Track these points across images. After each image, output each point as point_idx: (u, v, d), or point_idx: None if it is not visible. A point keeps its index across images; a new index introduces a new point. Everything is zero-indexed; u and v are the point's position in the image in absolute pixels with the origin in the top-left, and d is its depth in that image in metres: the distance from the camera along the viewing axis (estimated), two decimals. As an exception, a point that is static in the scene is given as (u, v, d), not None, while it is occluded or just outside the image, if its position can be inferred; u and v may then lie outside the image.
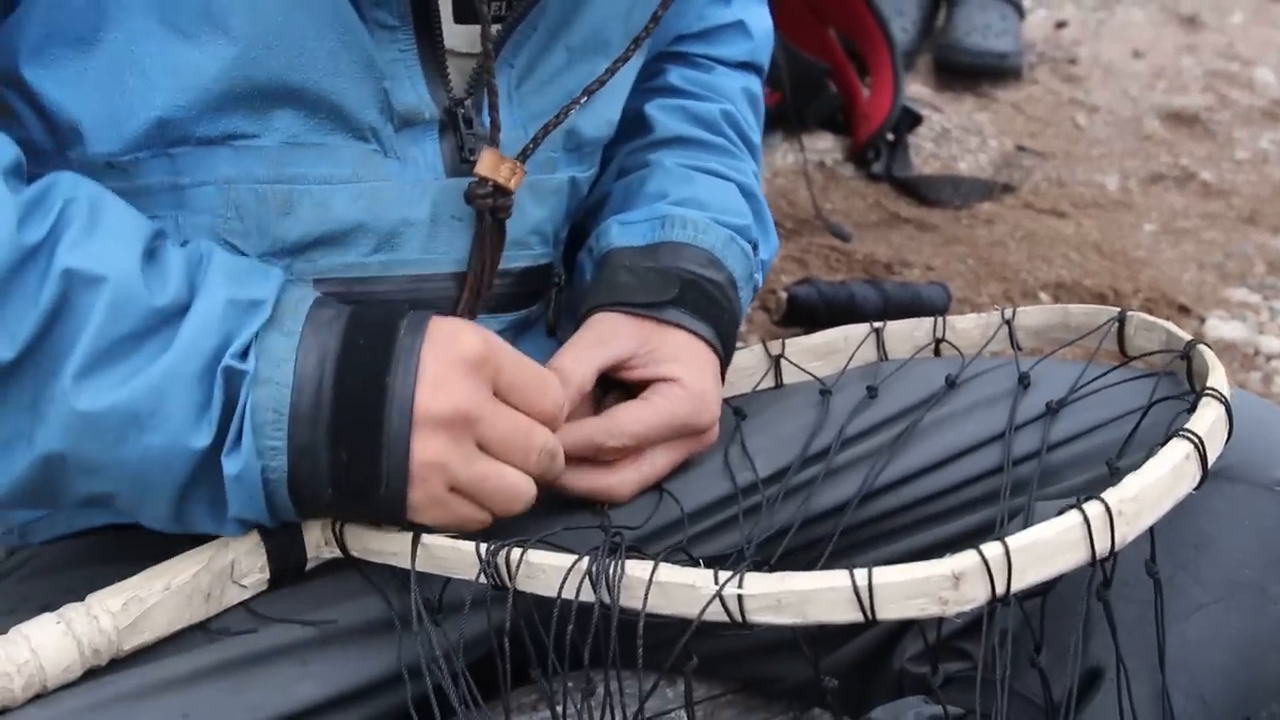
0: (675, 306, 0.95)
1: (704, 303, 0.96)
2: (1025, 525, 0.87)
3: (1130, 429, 0.89)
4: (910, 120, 2.45)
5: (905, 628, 0.96)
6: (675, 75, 1.13)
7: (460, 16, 0.88)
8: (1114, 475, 0.86)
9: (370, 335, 0.79)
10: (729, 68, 1.17)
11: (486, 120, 0.89)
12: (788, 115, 2.39)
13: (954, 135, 2.59)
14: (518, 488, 0.82)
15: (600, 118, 0.99)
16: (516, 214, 0.92)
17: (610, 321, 0.95)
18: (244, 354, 0.76)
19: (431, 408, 0.78)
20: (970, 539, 0.93)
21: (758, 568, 0.90)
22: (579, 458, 0.91)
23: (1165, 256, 2.20)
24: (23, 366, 0.73)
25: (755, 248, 1.05)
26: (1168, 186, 2.48)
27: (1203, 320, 1.98)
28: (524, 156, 0.91)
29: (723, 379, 0.98)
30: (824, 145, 2.45)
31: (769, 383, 1.09)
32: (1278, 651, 0.82)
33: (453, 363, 0.79)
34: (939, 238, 2.20)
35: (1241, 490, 0.84)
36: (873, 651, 0.97)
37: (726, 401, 1.02)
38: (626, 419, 0.92)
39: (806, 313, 1.81)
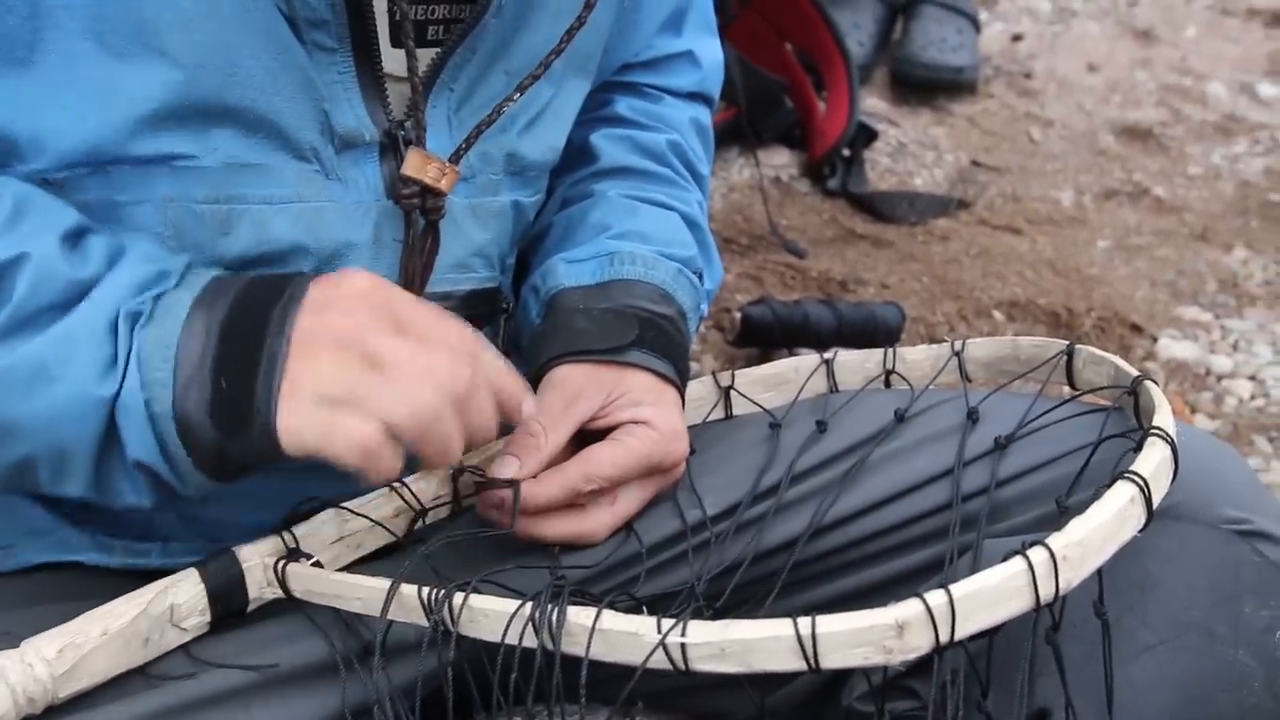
0: (636, 348, 0.94)
1: (662, 340, 0.96)
2: (974, 562, 0.88)
3: (1078, 466, 0.89)
4: (866, 136, 2.46)
5: (853, 665, 0.96)
6: (623, 105, 1.12)
7: (396, 40, 0.87)
8: (1063, 514, 0.86)
9: (266, 285, 0.80)
10: (678, 98, 1.16)
11: (429, 143, 0.89)
12: (744, 130, 2.39)
13: (910, 150, 2.59)
14: (419, 398, 0.76)
15: (543, 142, 0.98)
16: (459, 235, 0.92)
17: (573, 376, 0.94)
18: (144, 301, 0.77)
19: (313, 329, 0.77)
20: (920, 575, 0.94)
21: (708, 603, 0.90)
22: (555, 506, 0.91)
23: (1118, 274, 2.20)
24: None
25: (700, 278, 1.05)
26: (1121, 202, 2.50)
27: (1155, 339, 1.99)
28: (456, 158, 0.90)
29: (684, 387, 0.99)
30: (780, 160, 2.45)
31: (719, 413, 1.08)
32: (1225, 691, 0.83)
33: (336, 296, 0.78)
34: (894, 254, 2.20)
35: (1188, 529, 0.85)
36: (820, 689, 0.97)
37: (678, 434, 1.02)
38: (602, 462, 0.91)
39: (761, 333, 1.81)
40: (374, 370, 0.76)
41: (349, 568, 0.90)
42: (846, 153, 2.42)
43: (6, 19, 0.77)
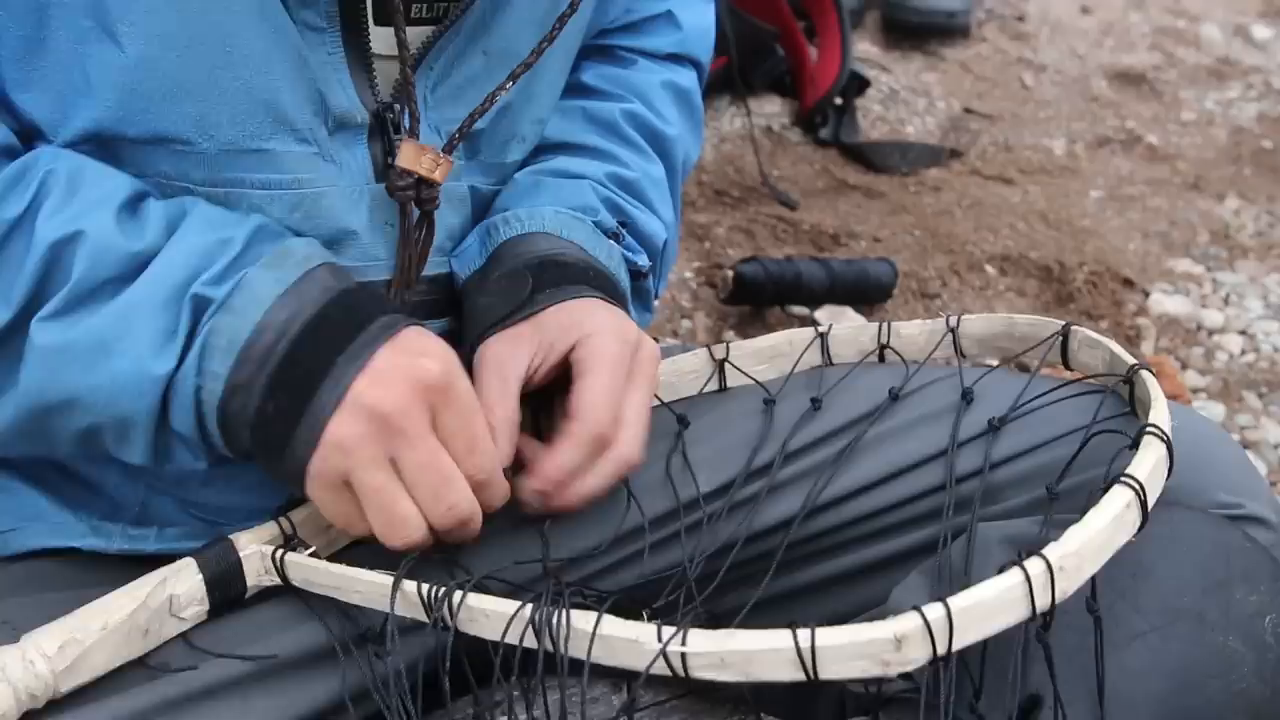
0: (536, 292, 0.92)
1: (563, 273, 0.93)
2: (968, 546, 0.88)
3: (1071, 451, 0.89)
4: (858, 85, 2.44)
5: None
6: (589, 74, 1.10)
7: (380, 19, 0.86)
8: (1054, 500, 0.87)
9: (345, 315, 0.80)
10: (654, 60, 1.14)
11: (408, 118, 0.88)
12: (734, 79, 2.37)
13: (902, 97, 2.58)
14: (405, 522, 0.79)
15: (512, 129, 0.98)
16: (438, 219, 0.91)
17: (494, 348, 0.91)
18: (218, 281, 0.78)
19: (363, 396, 0.78)
20: (914, 556, 0.95)
21: (700, 585, 0.91)
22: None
23: (1110, 225, 2.20)
24: (18, 324, 0.78)
25: (621, 230, 1.02)
26: (1114, 150, 2.49)
27: (1146, 294, 1.99)
28: (450, 148, 0.89)
29: (626, 309, 0.96)
30: (771, 109, 2.44)
31: (713, 386, 1.08)
32: (1215, 678, 0.83)
33: (402, 370, 0.79)
34: (886, 206, 2.20)
35: (1180, 516, 0.85)
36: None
37: (669, 406, 1.02)
38: (589, 397, 0.88)
39: (753, 291, 1.81)
40: (390, 473, 0.79)
41: (344, 550, 0.90)
42: (838, 101, 2.40)
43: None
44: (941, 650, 0.65)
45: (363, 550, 0.89)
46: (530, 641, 0.73)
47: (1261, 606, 0.84)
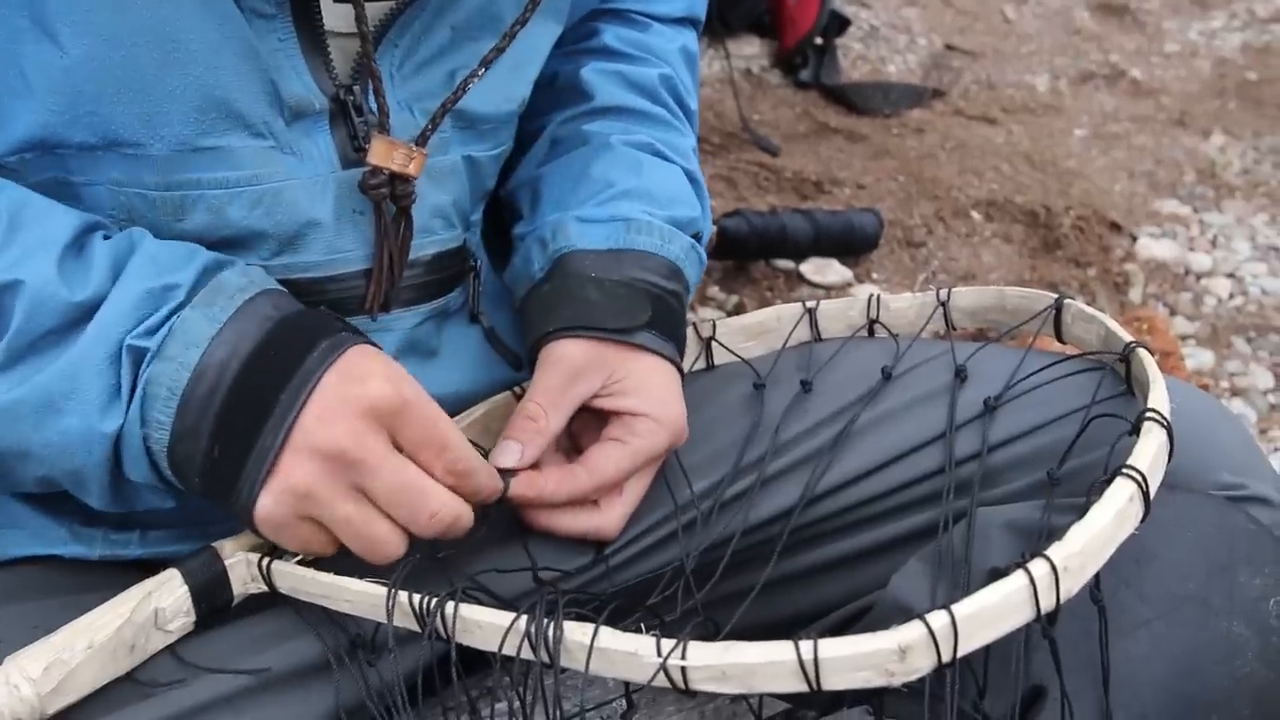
0: (646, 329, 0.91)
1: (669, 320, 0.93)
2: (968, 532, 0.87)
3: (1070, 431, 0.88)
4: (839, 24, 2.40)
5: (851, 621, 0.95)
6: (610, 35, 1.07)
7: None
8: (1055, 485, 0.86)
9: (285, 347, 0.77)
10: (666, 24, 1.11)
11: (374, 105, 0.85)
12: (712, 20, 2.33)
13: (882, 34, 2.55)
14: (384, 543, 0.78)
15: (498, 94, 0.94)
16: (416, 200, 0.89)
17: (576, 353, 0.90)
18: (153, 331, 0.76)
19: (311, 435, 0.75)
20: (911, 541, 0.93)
21: (698, 580, 0.89)
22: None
23: (1096, 165, 2.18)
24: None
25: (699, 239, 1.01)
26: (1098, 85, 2.46)
27: (1134, 238, 1.97)
28: (423, 140, 0.87)
29: (681, 355, 0.96)
30: (750, 51, 2.40)
31: (701, 364, 1.06)
32: (1219, 664, 0.82)
33: (349, 400, 0.76)
34: (868, 149, 2.17)
35: (1182, 499, 0.83)
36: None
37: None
38: (607, 467, 0.89)
39: (737, 245, 1.79)
40: (359, 500, 0.77)
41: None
42: (819, 41, 2.37)
43: None
44: (946, 658, 0.64)
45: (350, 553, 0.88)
46: (527, 653, 0.71)
47: (1266, 590, 0.83)
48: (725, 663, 0.65)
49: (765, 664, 0.65)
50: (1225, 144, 2.26)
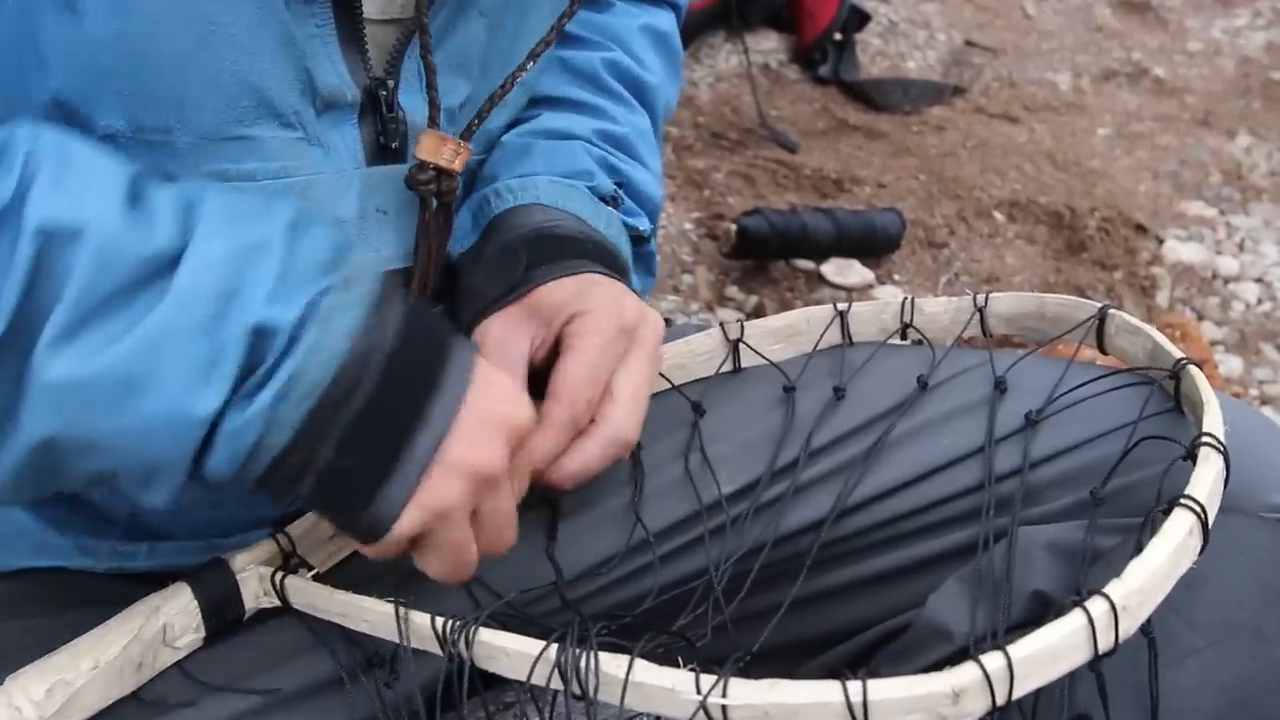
0: (532, 269, 0.87)
1: (557, 247, 0.88)
2: (1009, 552, 0.84)
3: (1115, 448, 0.85)
4: (858, 18, 2.37)
5: (885, 640, 0.93)
6: None
7: None
8: (1098, 504, 0.82)
9: (422, 345, 0.71)
10: (630, 2, 1.08)
11: (403, 101, 0.82)
12: (731, 15, 2.30)
13: (901, 29, 2.51)
14: (471, 565, 0.75)
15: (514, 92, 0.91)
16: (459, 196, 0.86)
17: (491, 330, 0.86)
18: (275, 301, 0.66)
19: (467, 457, 0.71)
20: (949, 559, 0.90)
21: (727, 595, 0.86)
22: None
23: (1119, 165, 2.14)
24: (8, 340, 0.63)
25: (619, 193, 0.96)
26: (1120, 84, 2.43)
27: (1160, 240, 1.94)
28: (468, 134, 0.83)
29: (628, 281, 0.91)
30: (768, 45, 2.36)
31: (727, 367, 1.03)
32: (1272, 694, 0.79)
33: (495, 420, 0.72)
34: (888, 147, 2.13)
35: (1235, 522, 0.80)
36: (848, 663, 0.93)
37: (682, 392, 0.96)
38: (572, 379, 0.83)
39: (757, 245, 1.75)
40: (469, 530, 0.73)
41: (345, 562, 0.86)
42: (838, 37, 2.33)
43: None
44: (1001, 701, 0.61)
45: (364, 559, 0.84)
46: (556, 683, 0.68)
47: (1321, 617, 0.80)
48: (769, 702, 0.62)
49: (811, 704, 0.62)
50: (1251, 145, 2.22)
